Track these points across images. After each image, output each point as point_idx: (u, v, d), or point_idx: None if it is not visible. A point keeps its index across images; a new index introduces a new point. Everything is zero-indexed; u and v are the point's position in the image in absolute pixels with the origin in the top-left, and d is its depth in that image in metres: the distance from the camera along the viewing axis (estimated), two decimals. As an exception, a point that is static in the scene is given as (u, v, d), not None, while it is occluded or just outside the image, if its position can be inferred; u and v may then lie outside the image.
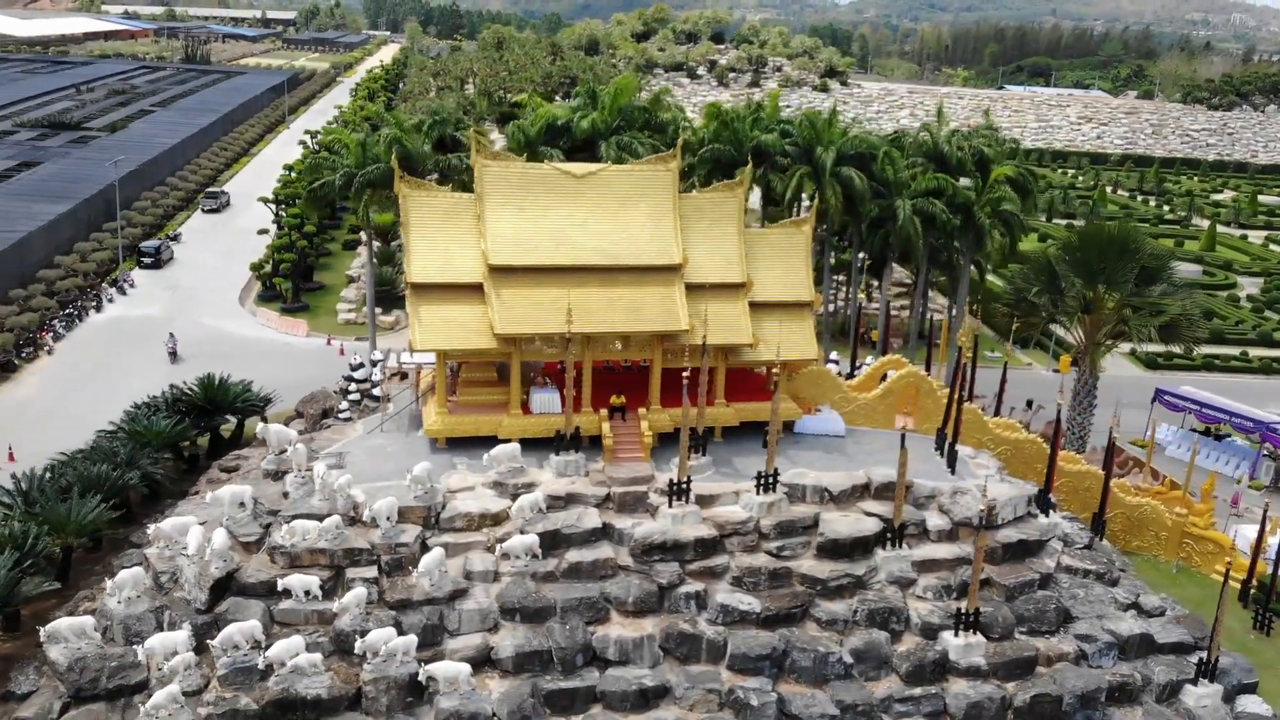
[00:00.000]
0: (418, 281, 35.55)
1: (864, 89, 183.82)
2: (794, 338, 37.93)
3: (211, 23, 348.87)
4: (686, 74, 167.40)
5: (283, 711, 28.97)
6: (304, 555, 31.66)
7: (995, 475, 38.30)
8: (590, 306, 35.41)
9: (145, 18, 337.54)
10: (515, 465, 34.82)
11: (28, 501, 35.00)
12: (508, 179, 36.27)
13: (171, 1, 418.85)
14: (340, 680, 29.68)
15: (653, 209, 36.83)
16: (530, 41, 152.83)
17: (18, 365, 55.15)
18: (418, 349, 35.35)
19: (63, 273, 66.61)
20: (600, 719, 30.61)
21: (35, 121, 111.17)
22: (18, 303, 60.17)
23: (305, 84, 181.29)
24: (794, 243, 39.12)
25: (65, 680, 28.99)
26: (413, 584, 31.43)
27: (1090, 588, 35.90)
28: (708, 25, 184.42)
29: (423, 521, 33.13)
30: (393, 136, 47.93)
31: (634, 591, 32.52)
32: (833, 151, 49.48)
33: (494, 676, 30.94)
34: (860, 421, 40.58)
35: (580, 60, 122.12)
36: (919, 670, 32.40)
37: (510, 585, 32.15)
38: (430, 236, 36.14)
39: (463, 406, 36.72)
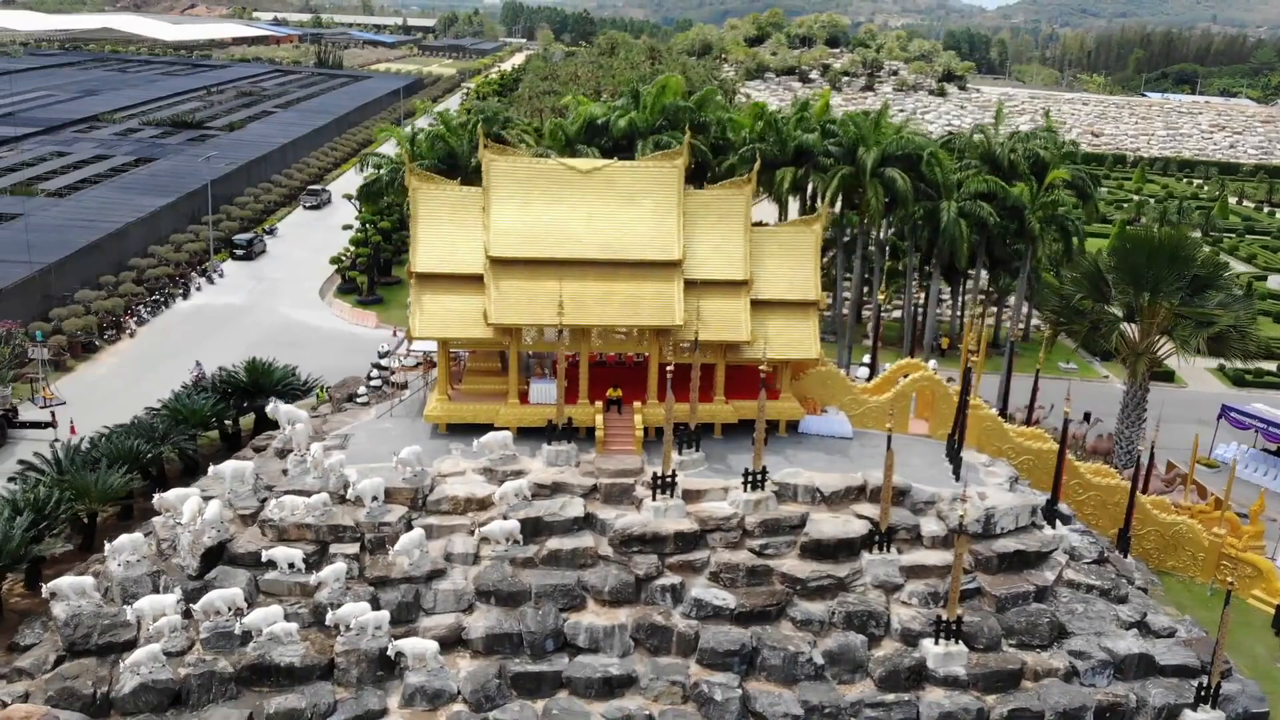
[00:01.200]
0: (421, 271, 36.69)
1: (982, 94, 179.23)
2: (796, 336, 37.69)
3: (354, 29, 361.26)
4: (798, 78, 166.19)
5: (258, 676, 30.33)
6: (291, 529, 33.05)
7: (1005, 484, 37.29)
8: (587, 300, 35.94)
9: (293, 24, 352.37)
10: (507, 453, 35.55)
11: (60, 470, 37.42)
12: (514, 173, 37.09)
13: (319, 9, 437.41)
14: (315, 650, 30.88)
15: (657, 205, 37.12)
16: (641, 47, 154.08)
17: (99, 346, 58.74)
18: (416, 336, 36.46)
19: (155, 261, 70.52)
20: (565, 704, 31.06)
21: (161, 120, 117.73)
22: (107, 288, 63.99)
23: (428, 88, 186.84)
24: (803, 241, 38.84)
25: (62, 634, 30.97)
26: (392, 562, 32.48)
27: (1092, 603, 34.62)
28: (823, 29, 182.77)
29: (410, 503, 34.16)
30: (435, 134, 49.39)
31: (610, 581, 32.88)
32: (875, 151, 48.78)
33: (465, 656, 31.71)
34: (871, 425, 39.98)
35: (676, 63, 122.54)
36: (893, 676, 31.85)
37: (488, 569, 32.91)
38: (437, 228, 37.26)
39: (466, 394, 37.71)
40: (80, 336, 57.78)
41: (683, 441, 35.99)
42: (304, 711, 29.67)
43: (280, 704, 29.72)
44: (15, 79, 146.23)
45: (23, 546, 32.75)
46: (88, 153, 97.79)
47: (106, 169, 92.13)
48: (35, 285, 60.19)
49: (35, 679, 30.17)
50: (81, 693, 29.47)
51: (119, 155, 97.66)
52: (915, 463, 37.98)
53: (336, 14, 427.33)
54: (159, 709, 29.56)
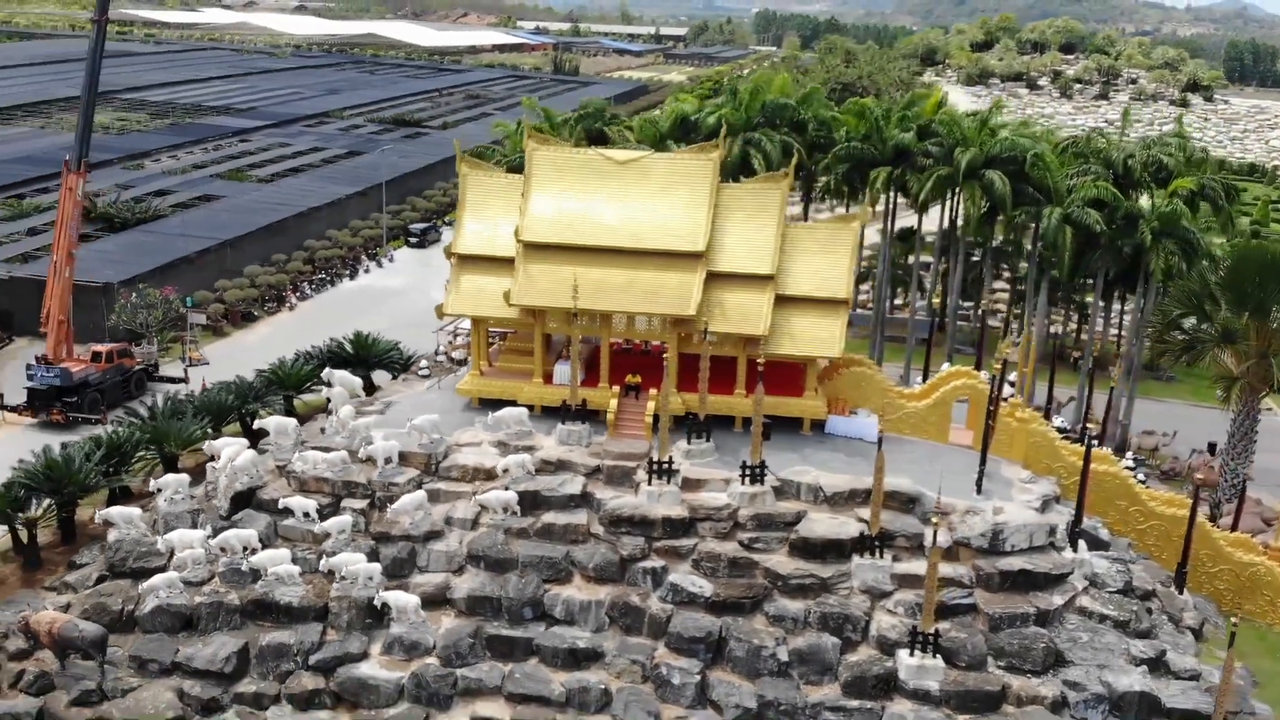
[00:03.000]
0: (462, 253, 38.86)
1: (1230, 105, 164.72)
2: (821, 334, 37.17)
3: (607, 38, 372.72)
4: (1026, 85, 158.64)
5: (261, 611, 33.25)
6: (310, 482, 35.92)
7: (1036, 502, 35.36)
8: (610, 287, 36.91)
9: (552, 33, 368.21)
10: (523, 429, 37.05)
11: (152, 417, 42.05)
12: (554, 163, 38.58)
13: (580, 19, 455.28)
14: (313, 593, 33.49)
15: (689, 197, 37.61)
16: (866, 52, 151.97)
17: (257, 316, 64.77)
18: (447, 313, 38.64)
19: (329, 244, 76.72)
20: (530, 670, 32.25)
21: (384, 118, 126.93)
22: (277, 265, 70.33)
23: (653, 93, 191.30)
24: (840, 239, 38.23)
25: (106, 557, 35.13)
26: (392, 520, 34.67)
27: (1100, 634, 32.36)
28: (1058, 34, 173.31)
29: (424, 467, 36.30)
30: (532, 128, 51.55)
31: (596, 559, 33.78)
32: (971, 152, 46.86)
33: (450, 614, 33.47)
34: (908, 430, 38.82)
35: (871, 66, 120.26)
36: (859, 682, 31.12)
37: (481, 535, 34.53)
38: (481, 213, 39.31)
39: (498, 372, 39.53)
40: (240, 306, 63.89)
41: (691, 431, 36.34)
42: (291, 647, 32.29)
43: (272, 638, 32.48)
44: (274, 77, 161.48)
45: (91, 477, 37.17)
46: (306, 145, 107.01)
47: (319, 160, 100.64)
48: (211, 258, 67.05)
49: (78, 593, 34.35)
50: (111, 609, 33.35)
51: (333, 148, 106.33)
52: (940, 472, 36.57)
53: (596, 23, 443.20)
54: (171, 630, 32.99)
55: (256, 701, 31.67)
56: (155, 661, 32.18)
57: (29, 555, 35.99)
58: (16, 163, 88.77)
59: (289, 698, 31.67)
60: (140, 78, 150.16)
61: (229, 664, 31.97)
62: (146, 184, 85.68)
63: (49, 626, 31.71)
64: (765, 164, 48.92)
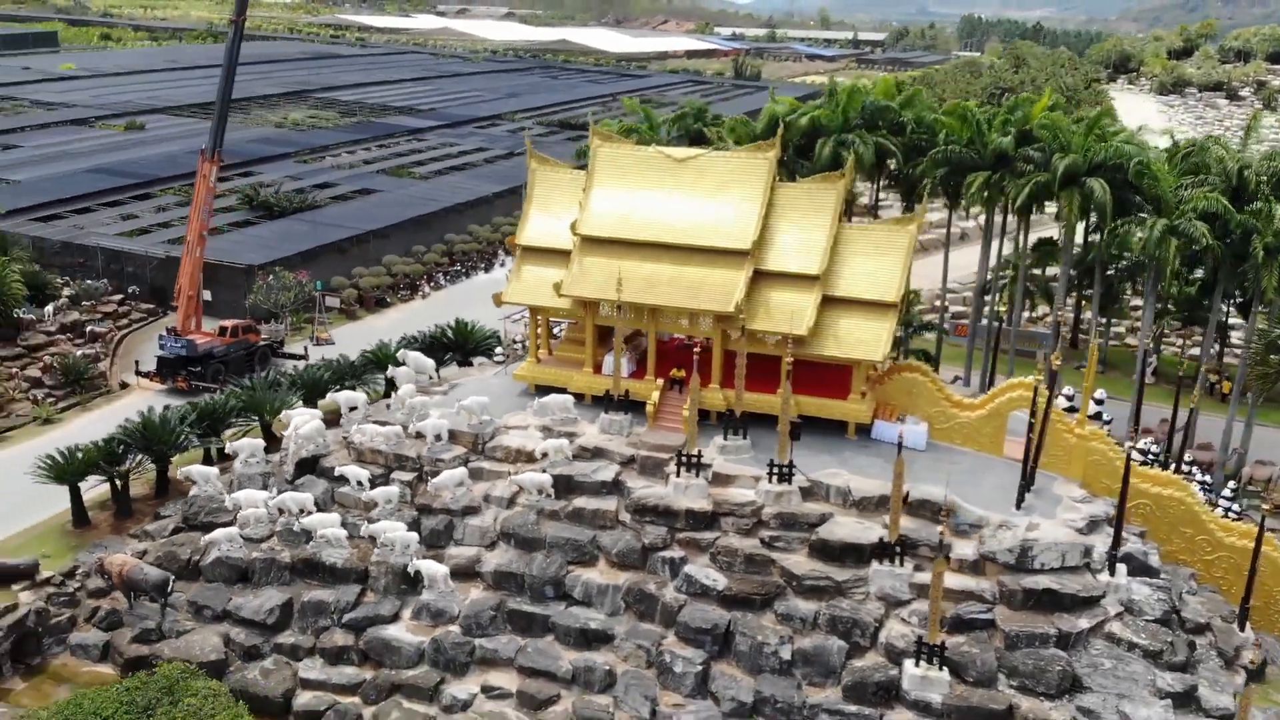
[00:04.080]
0: (525, 244, 40.39)
1: None
2: (866, 337, 36.73)
3: (802, 43, 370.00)
4: (1225, 95, 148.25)
5: (309, 570, 35.70)
6: (367, 453, 38.22)
7: (1081, 522, 33.89)
8: (657, 281, 37.65)
9: (748, 39, 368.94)
10: (568, 415, 38.24)
11: (252, 387, 45.45)
12: (616, 159, 39.61)
13: (779, 24, 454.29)
14: (357, 557, 35.69)
15: (743, 195, 37.91)
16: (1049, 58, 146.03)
17: (390, 303, 68.55)
18: (505, 301, 40.17)
19: (469, 239, 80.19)
20: (542, 646, 33.40)
21: (553, 121, 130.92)
22: (415, 256, 74.13)
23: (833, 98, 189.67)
24: (895, 242, 37.63)
25: (182, 510, 38.43)
26: (434, 493, 36.48)
27: (1126, 663, 30.77)
28: (1264, 43, 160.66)
29: (471, 446, 38.02)
30: (627, 127, 52.79)
31: (619, 545, 34.60)
32: (1071, 158, 44.83)
33: (478, 587, 35.01)
34: (960, 441, 37.86)
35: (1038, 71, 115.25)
36: (859, 688, 30.76)
37: (515, 513, 35.92)
38: (547, 206, 40.73)
39: (554, 360, 40.85)
40: (374, 293, 67.78)
41: (728, 427, 36.63)
42: (330, 605, 34.55)
43: (314, 595, 34.86)
44: (462, 80, 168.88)
45: (183, 437, 40.66)
46: (472, 145, 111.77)
47: (480, 159, 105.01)
48: (353, 247, 71.42)
49: (154, 541, 37.71)
50: (180, 557, 36.51)
51: (496, 149, 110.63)
52: (985, 484, 35.64)
53: (794, 29, 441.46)
54: (229, 581, 35.83)
55: (293, 652, 34.03)
56: (209, 608, 35.05)
57: (121, 504, 39.68)
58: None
59: (321, 651, 33.88)
60: (338, 78, 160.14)
61: (273, 615, 34.49)
62: (314, 177, 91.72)
63: (119, 568, 35.08)
64: (857, 165, 48.36)
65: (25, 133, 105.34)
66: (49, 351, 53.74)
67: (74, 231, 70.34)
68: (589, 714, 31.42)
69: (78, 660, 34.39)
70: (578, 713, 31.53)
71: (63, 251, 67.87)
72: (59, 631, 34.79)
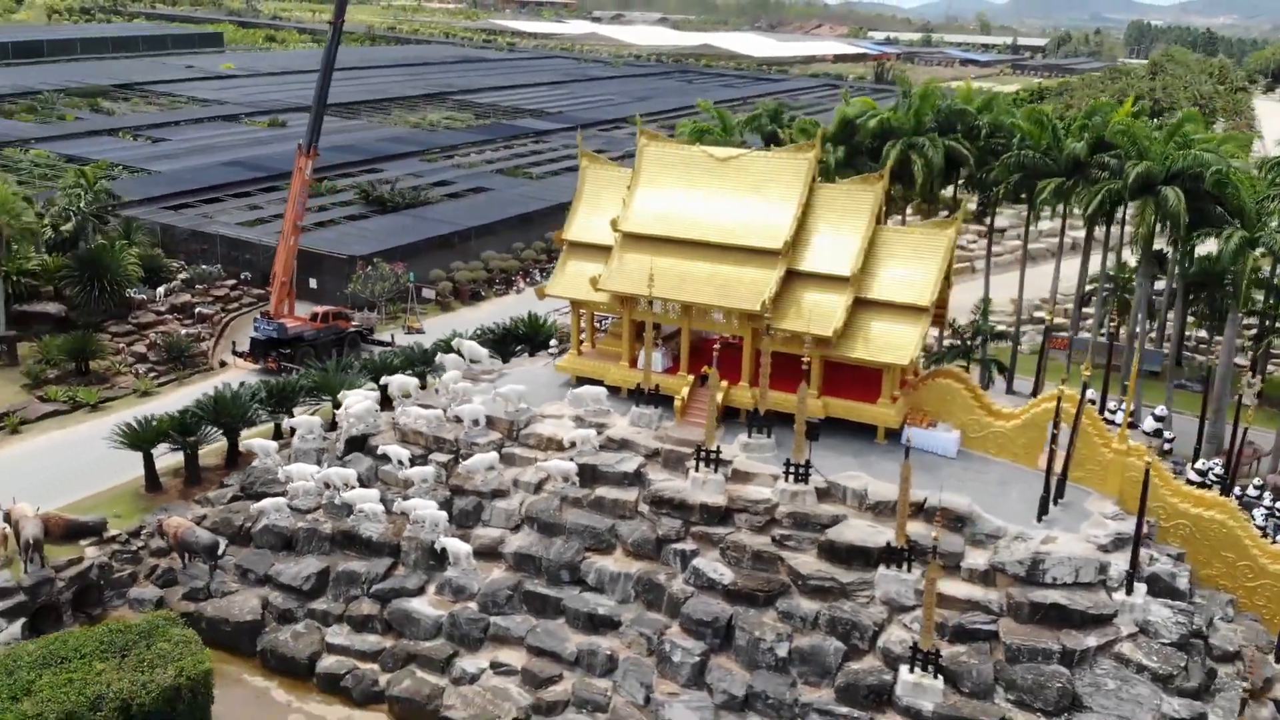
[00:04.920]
0: (570, 239, 41.54)
1: None
2: (896, 340, 36.40)
3: (958, 48, 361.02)
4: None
5: (347, 541, 37.63)
6: (410, 433, 39.99)
7: (1106, 540, 32.86)
8: (691, 278, 38.17)
9: (902, 43, 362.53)
10: (600, 407, 39.13)
11: (324, 369, 47.98)
12: (661, 158, 40.35)
13: (935, 28, 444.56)
14: (392, 532, 37.45)
15: (780, 195, 38.09)
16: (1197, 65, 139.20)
17: (484, 296, 70.85)
18: (547, 294, 41.38)
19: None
20: (551, 628, 34.39)
21: (674, 124, 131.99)
22: (515, 253, 76.32)
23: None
24: (933, 245, 37.15)
25: (241, 479, 41.00)
26: (466, 475, 37.93)
27: (1131, 685, 29.71)
28: None
29: (506, 432, 39.36)
30: (700, 128, 53.26)
31: (635, 535, 35.33)
32: (1145, 166, 43.07)
33: (500, 567, 36.29)
34: (994, 450, 37.11)
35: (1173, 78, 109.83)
36: (852, 689, 30.67)
37: (540, 499, 37.04)
38: (595, 203, 41.76)
39: (595, 353, 41.82)
40: (470, 286, 70.21)
41: (752, 426, 36.89)
42: (361, 575, 36.38)
43: (348, 566, 36.76)
44: (597, 84, 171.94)
45: (252, 413, 43.36)
46: (592, 148, 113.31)
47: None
48: (454, 242, 74.11)
49: (214, 507, 40.36)
50: (234, 523, 39.03)
51: (614, 151, 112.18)
52: (1012, 495, 34.96)
53: (953, 33, 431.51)
54: (274, 548, 38.09)
55: (324, 618, 35.95)
56: (253, 572, 37.35)
57: (191, 472, 42.58)
58: (336, 150, 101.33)
59: (348, 619, 35.69)
60: (481, 81, 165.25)
61: (309, 583, 36.52)
62: (434, 175, 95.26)
63: (175, 530, 37.74)
64: (926, 169, 47.65)
65: (178, 127, 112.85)
66: (157, 330, 57.73)
67: (200, 220, 75.14)
68: (587, 696, 32.25)
69: (134, 613, 36.92)
70: (576, 693, 32.39)
71: (189, 239, 72.58)
72: (120, 586, 37.60)
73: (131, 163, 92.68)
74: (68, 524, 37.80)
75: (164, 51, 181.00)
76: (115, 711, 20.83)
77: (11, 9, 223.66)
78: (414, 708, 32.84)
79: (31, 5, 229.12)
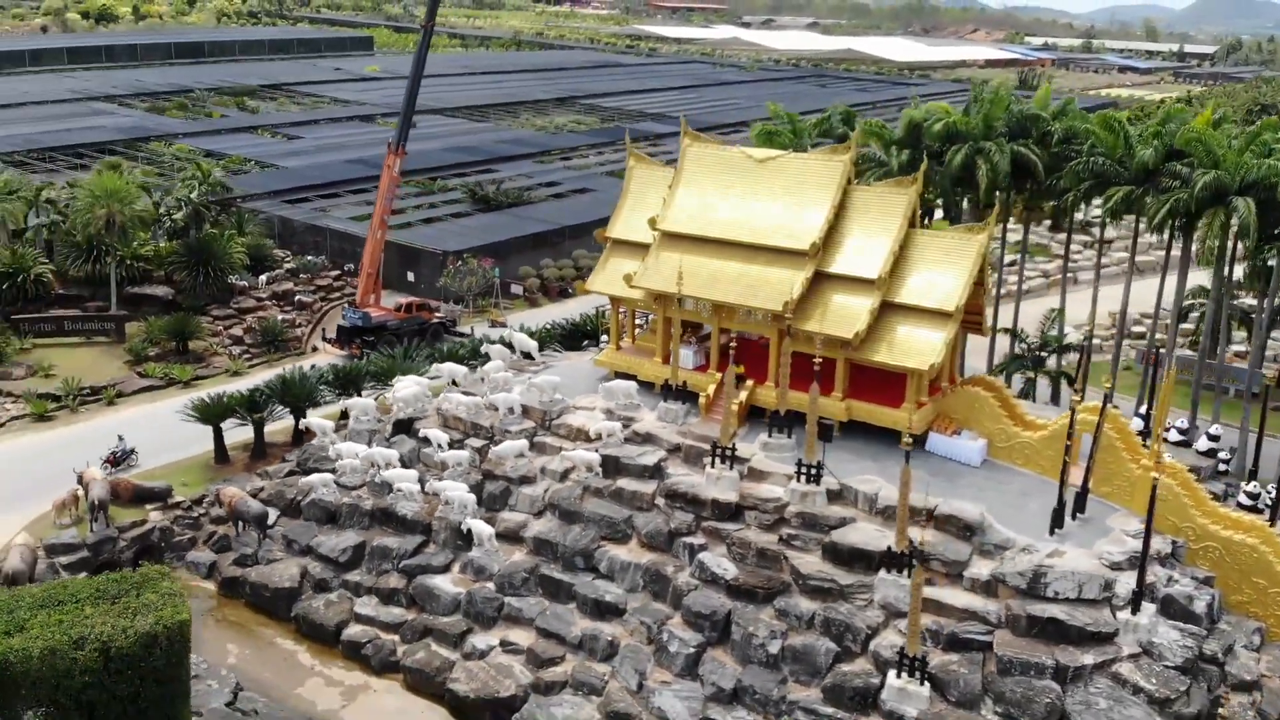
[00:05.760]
0: (615, 237, 42.54)
1: None
2: (919, 345, 36.09)
3: (1119, 55, 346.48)
4: None
5: (384, 518, 39.55)
6: (451, 419, 41.70)
7: (1121, 557, 31.94)
8: (723, 278, 38.68)
9: (1061, 49, 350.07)
10: (631, 401, 40.01)
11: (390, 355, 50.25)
12: (702, 159, 40.94)
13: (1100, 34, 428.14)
14: (426, 511, 39.19)
15: (813, 197, 38.23)
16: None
17: (571, 294, 72.33)
18: (586, 290, 42.44)
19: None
20: (559, 611, 35.43)
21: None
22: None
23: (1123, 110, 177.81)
24: (964, 250, 36.66)
25: (298, 456, 43.48)
26: (497, 460, 39.34)
27: (1125, 705, 28.84)
28: None
29: (540, 421, 40.64)
30: (767, 130, 53.38)
31: (649, 526, 36.10)
32: (1214, 175, 41.14)
33: (521, 550, 37.56)
34: (1020, 461, 36.41)
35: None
36: (838, 690, 30.73)
37: (563, 487, 38.16)
38: (639, 202, 42.64)
39: (633, 348, 42.71)
40: (557, 283, 72.00)
41: (773, 425, 37.14)
42: (393, 551, 38.22)
43: (380, 541, 38.65)
44: (726, 89, 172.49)
45: (317, 393, 45.92)
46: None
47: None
48: (547, 240, 76.09)
49: (271, 480, 42.93)
50: (286, 496, 41.48)
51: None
52: (1030, 507, 34.31)
53: (1114, 40, 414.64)
54: (320, 521, 40.32)
55: (355, 589, 37.89)
56: (297, 543, 39.64)
57: (258, 447, 45.34)
58: (455, 150, 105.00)
59: (376, 591, 37.52)
60: (612, 85, 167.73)
61: (345, 555, 38.56)
62: (544, 175, 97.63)
63: (229, 500, 40.37)
64: (991, 174, 46.61)
65: (315, 125, 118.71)
66: (255, 315, 61.33)
67: (315, 214, 79.15)
68: (584, 678, 33.19)
69: (190, 574, 39.91)
70: (575, 676, 33.36)
71: (304, 231, 76.59)
72: (180, 549, 40.50)
73: (264, 158, 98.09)
74: (136, 489, 40.95)
75: (317, 54, 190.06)
76: (95, 652, 22.83)
77: (184, 11, 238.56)
78: (424, 678, 34.45)
79: (202, 9, 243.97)
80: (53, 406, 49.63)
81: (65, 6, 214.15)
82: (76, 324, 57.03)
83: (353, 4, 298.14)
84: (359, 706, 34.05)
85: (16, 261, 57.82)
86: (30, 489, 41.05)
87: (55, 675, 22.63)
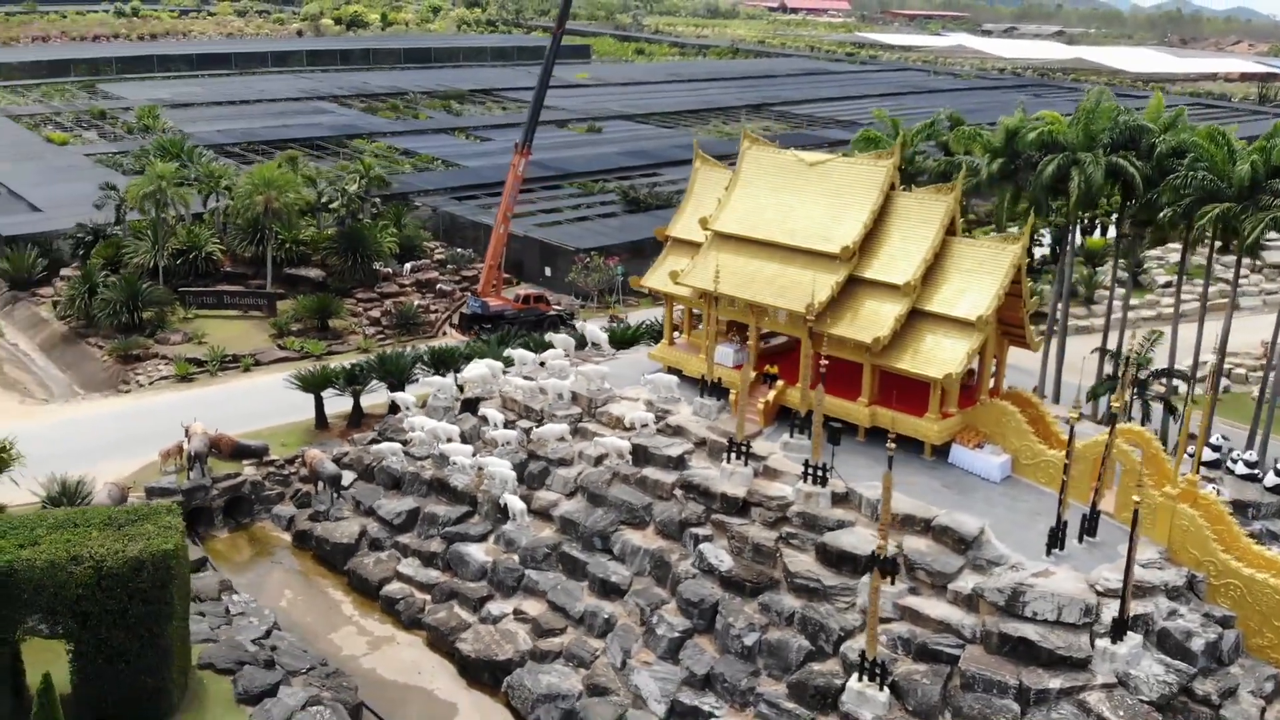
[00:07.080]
0: (674, 236, 43.94)
1: None
2: (943, 355, 35.64)
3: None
4: None
5: (439, 488, 42.53)
6: (509, 401, 44.23)
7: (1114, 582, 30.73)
8: (760, 278, 39.39)
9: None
10: (671, 394, 41.31)
11: (484, 341, 53.37)
12: (760, 161, 41.68)
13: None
14: (474, 484, 41.92)
15: (854, 201, 38.36)
16: None
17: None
18: (639, 285, 43.92)
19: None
20: (569, 585, 37.24)
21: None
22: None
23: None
24: (998, 260, 35.89)
25: (380, 426, 47.19)
26: (541, 441, 41.54)
27: (1084, 733, 27.86)
28: None
29: (586, 408, 42.55)
30: (868, 135, 52.92)
31: (664, 515, 37.40)
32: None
33: (549, 528, 39.64)
34: (1043, 480, 35.32)
35: None
36: (800, 688, 31.16)
37: (594, 472, 39.93)
38: (701, 202, 43.78)
39: (684, 344, 43.93)
40: (688, 284, 73.55)
41: (794, 426, 37.57)
42: (440, 517, 41.15)
43: (432, 508, 41.67)
44: (924, 97, 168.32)
45: (410, 370, 49.59)
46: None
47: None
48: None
49: (355, 447, 46.77)
50: (364, 462, 45.20)
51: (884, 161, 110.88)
52: (1038, 526, 33.29)
53: None
54: (386, 486, 43.78)
55: (404, 550, 41.04)
56: (363, 504, 43.21)
57: (354, 417, 49.41)
58: (627, 155, 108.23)
59: (419, 554, 40.51)
60: (812, 93, 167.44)
61: (400, 519, 41.80)
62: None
63: (311, 461, 44.42)
64: (1084, 185, 44.63)
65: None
66: (395, 300, 66.16)
67: (476, 211, 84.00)
68: (577, 651, 34.90)
69: (272, 526, 44.30)
70: (569, 647, 35.13)
71: (467, 227, 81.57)
72: (268, 502, 44.92)
73: (451, 157, 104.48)
74: (235, 445, 45.65)
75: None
76: (89, 569, 26.43)
77: (428, 19, 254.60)
78: (440, 636, 37.09)
79: (445, 17, 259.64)
80: (195, 370, 55.63)
81: (321, 13, 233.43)
82: (235, 299, 63.44)
83: (588, 13, 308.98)
84: (379, 655, 37.03)
85: (191, 240, 64.89)
86: (153, 439, 46.38)
87: (54, 585, 26.44)
